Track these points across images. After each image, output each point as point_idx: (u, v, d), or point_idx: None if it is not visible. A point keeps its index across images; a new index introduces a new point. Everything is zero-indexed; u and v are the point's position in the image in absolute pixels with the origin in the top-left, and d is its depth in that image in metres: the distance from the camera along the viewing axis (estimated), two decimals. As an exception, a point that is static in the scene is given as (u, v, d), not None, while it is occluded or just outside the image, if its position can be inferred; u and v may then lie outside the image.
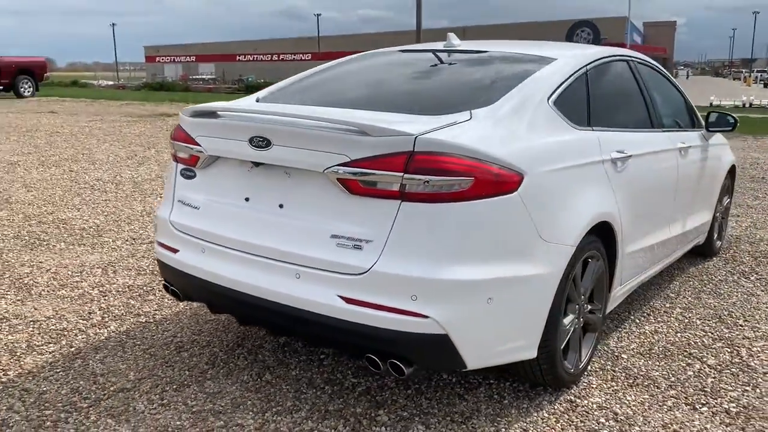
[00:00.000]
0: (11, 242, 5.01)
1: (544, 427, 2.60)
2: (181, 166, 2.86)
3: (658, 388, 2.92)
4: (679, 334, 3.52)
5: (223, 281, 2.57)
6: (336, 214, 2.37)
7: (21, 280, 4.17)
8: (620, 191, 3.00)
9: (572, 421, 2.64)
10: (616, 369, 3.10)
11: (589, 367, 3.09)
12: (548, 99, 2.74)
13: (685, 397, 2.84)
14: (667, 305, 3.97)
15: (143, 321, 3.57)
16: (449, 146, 2.25)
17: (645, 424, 2.63)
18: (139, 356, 3.14)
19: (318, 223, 2.40)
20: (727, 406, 2.78)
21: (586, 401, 2.80)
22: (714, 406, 2.78)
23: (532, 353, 2.57)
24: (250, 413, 2.65)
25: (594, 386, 2.93)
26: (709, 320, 3.73)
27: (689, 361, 3.20)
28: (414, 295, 2.22)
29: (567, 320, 2.76)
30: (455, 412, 2.69)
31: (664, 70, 4.21)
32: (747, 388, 2.95)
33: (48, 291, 4.00)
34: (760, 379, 3.03)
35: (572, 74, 2.97)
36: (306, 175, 2.43)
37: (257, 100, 3.12)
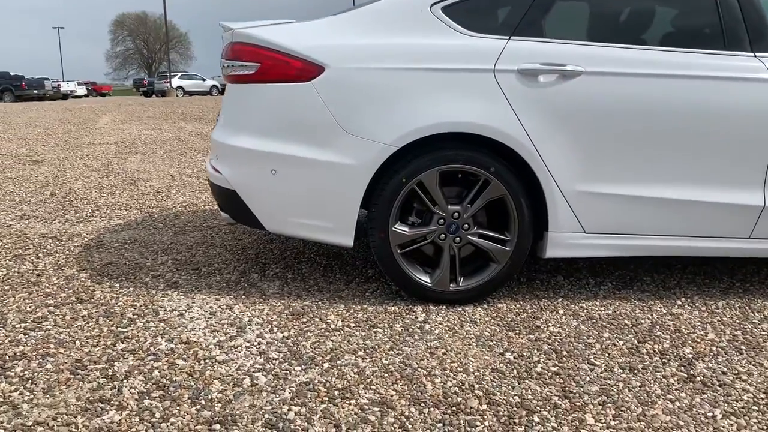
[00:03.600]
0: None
1: (328, 305, 2.78)
2: None
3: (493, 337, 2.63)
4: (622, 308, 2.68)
5: None
6: (227, 100, 2.85)
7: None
8: (540, 109, 2.60)
9: (375, 315, 2.68)
10: (510, 318, 2.72)
11: (492, 302, 2.85)
12: (432, 5, 2.67)
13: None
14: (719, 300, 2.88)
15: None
16: (245, 37, 2.62)
17: (431, 323, 2.61)
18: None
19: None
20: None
21: (411, 313, 2.71)
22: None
23: (347, 241, 2.65)
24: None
25: (458, 312, 2.73)
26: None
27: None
28: (217, 155, 2.76)
29: (420, 230, 2.69)
30: (302, 277, 3.11)
31: None
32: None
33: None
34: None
35: None
36: None
37: None
